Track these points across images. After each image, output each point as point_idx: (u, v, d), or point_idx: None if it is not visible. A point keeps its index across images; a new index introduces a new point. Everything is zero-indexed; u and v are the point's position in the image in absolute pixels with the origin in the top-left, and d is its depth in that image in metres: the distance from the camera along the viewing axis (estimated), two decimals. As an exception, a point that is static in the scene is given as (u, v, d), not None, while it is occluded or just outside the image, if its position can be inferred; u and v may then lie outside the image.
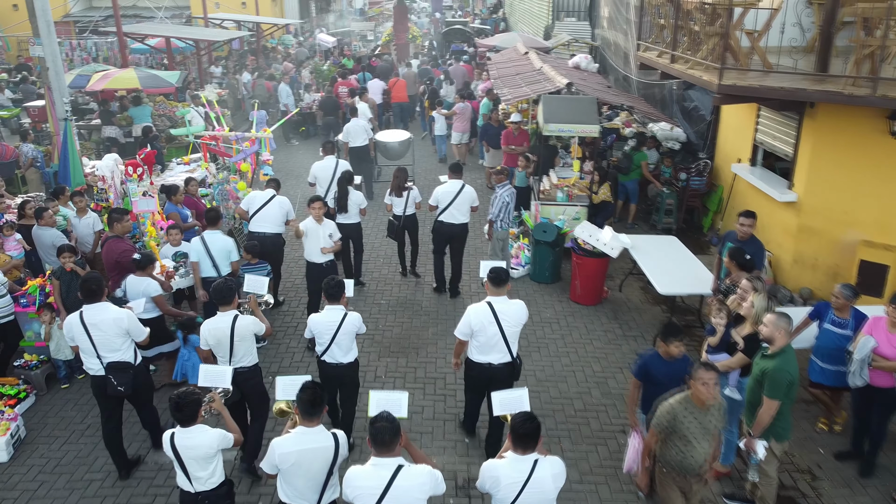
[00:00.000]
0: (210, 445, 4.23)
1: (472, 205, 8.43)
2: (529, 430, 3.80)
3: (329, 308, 5.53)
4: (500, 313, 5.33)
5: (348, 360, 5.59)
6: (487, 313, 5.32)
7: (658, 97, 13.79)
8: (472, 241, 10.48)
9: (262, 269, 7.42)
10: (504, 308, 5.37)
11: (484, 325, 5.32)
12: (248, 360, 5.38)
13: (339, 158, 9.35)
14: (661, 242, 8.72)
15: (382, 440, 3.72)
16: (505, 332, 5.33)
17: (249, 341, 5.36)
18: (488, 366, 5.43)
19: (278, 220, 8.01)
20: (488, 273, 5.49)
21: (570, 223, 9.35)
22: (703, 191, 10.89)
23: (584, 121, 9.23)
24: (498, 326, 5.31)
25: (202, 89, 18.21)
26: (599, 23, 19.54)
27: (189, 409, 4.21)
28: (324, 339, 5.48)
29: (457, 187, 8.31)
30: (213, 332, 5.24)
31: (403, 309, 8.50)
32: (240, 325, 5.26)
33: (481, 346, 5.41)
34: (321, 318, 5.50)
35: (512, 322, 5.37)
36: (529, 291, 8.98)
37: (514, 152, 11.41)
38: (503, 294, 5.43)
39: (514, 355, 5.48)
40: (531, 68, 13.23)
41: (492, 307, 5.33)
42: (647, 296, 8.84)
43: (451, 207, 8.29)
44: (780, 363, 4.61)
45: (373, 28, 31.30)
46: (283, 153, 16.02)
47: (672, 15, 9.24)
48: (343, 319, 5.45)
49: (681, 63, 8.75)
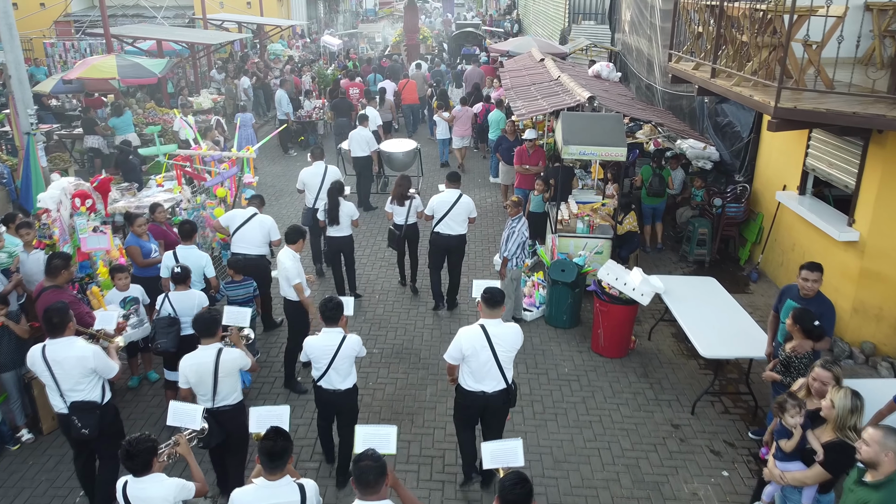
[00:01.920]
0: (165, 498, 3.81)
1: (470, 215, 8.04)
2: (520, 497, 3.28)
3: (326, 331, 5.16)
4: (493, 337, 4.94)
5: (346, 386, 5.26)
6: (480, 337, 4.93)
7: (686, 110, 12.59)
8: (475, 253, 9.48)
9: (247, 287, 6.90)
10: (498, 331, 4.98)
11: (476, 350, 4.93)
12: (232, 398, 4.96)
13: (329, 165, 8.89)
14: (697, 285, 7.54)
15: (367, 481, 3.44)
16: (499, 358, 4.96)
17: (234, 377, 4.94)
18: (482, 394, 5.05)
19: (259, 241, 7.38)
20: (482, 293, 5.08)
21: (592, 259, 8.19)
22: (740, 219, 9.68)
23: (610, 142, 8.07)
24: (491, 351, 4.92)
25: (196, 95, 17.20)
26: (620, 27, 18.33)
27: (141, 457, 3.78)
28: (320, 363, 5.14)
29: (453, 197, 7.89)
30: (195, 367, 4.77)
31: (399, 360, 7.37)
32: (225, 359, 4.81)
33: (473, 371, 5.02)
34: (317, 342, 5.15)
35: (506, 347, 4.99)
36: (544, 338, 7.83)
37: (529, 172, 10.27)
38: (497, 316, 5.04)
39: (508, 381, 5.07)
40: (548, 77, 12.08)
41: (485, 330, 4.95)
42: (680, 346, 7.67)
43: (447, 218, 7.90)
44: (888, 498, 3.44)
45: (381, 30, 30.18)
46: (279, 165, 14.98)
47: (712, 22, 8.06)
48: (342, 343, 5.11)
49: (723, 78, 7.56)
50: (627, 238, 8.85)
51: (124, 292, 6.52)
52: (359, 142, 11.55)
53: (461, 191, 8.04)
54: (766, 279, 9.26)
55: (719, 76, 7.66)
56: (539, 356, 7.44)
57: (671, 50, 9.27)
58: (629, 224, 8.83)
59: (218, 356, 4.80)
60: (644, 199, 10.03)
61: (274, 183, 13.71)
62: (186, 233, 6.86)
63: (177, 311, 6.10)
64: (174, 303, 6.10)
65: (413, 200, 8.37)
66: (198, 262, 6.71)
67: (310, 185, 8.83)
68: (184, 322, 6.04)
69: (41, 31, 24.88)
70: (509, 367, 5.06)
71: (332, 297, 5.23)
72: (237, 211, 7.62)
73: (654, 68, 14.33)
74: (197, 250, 6.87)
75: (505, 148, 11.65)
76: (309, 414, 6.37)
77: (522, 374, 7.08)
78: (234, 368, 4.91)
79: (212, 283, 6.85)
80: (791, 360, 5.32)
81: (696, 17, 8.54)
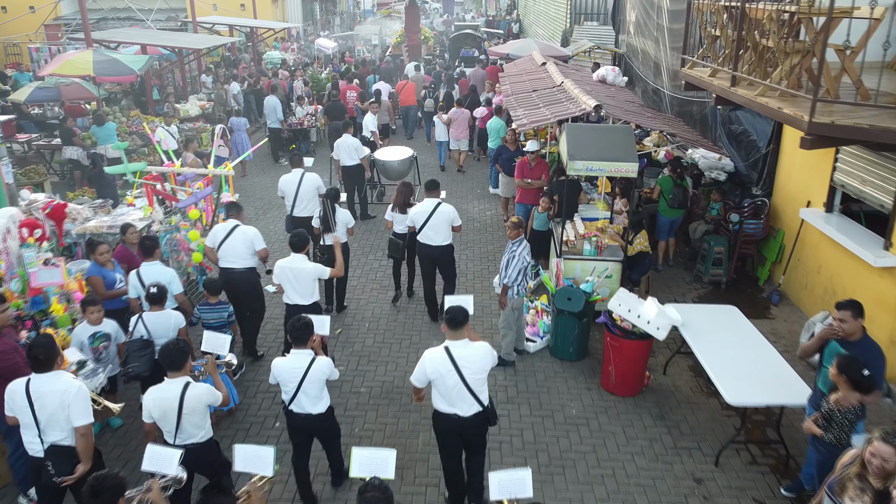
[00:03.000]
0: None
1: (453, 224, 7.69)
2: None
3: (295, 352, 4.92)
4: (459, 360, 4.68)
5: (318, 410, 4.99)
6: (444, 360, 4.68)
7: (697, 117, 11.87)
8: (473, 273, 8.75)
9: (221, 311, 6.59)
10: (464, 353, 4.71)
11: (441, 374, 4.68)
12: (200, 436, 4.63)
13: (308, 172, 8.72)
14: (717, 316, 6.83)
15: None
16: (467, 381, 4.68)
17: (201, 414, 4.60)
18: (456, 417, 4.78)
19: (245, 253, 7.05)
20: (444, 313, 4.86)
21: (601, 284, 7.50)
22: (759, 237, 8.98)
23: (620, 157, 7.37)
24: (458, 375, 4.66)
25: (184, 101, 16.52)
26: (625, 28, 17.63)
27: (106, 496, 3.51)
28: (288, 387, 4.90)
29: (430, 206, 7.60)
30: (158, 402, 4.49)
31: (388, 402, 6.67)
32: (190, 395, 4.50)
33: (443, 395, 4.77)
34: (285, 364, 4.91)
35: (474, 369, 4.71)
36: (549, 373, 7.14)
37: (531, 187, 9.56)
38: (462, 337, 4.77)
39: (484, 403, 4.79)
40: (550, 83, 11.38)
41: (449, 353, 4.70)
42: (699, 381, 6.97)
43: (425, 228, 7.65)
44: None
45: (378, 32, 29.48)
46: (269, 175, 14.29)
47: (730, 24, 7.36)
48: (310, 366, 4.85)
49: (745, 87, 6.86)
50: (639, 259, 8.15)
51: (95, 327, 5.88)
52: (346, 150, 10.91)
53: (441, 199, 7.73)
54: (787, 302, 8.56)
55: (740, 84, 6.96)
56: (544, 395, 6.75)
57: (684, 55, 8.56)
58: (640, 244, 8.13)
59: (184, 391, 4.50)
60: (663, 212, 9.29)
61: (262, 195, 13.02)
62: (148, 249, 6.42)
63: (151, 332, 5.74)
64: (148, 324, 5.74)
65: None
66: (162, 280, 6.21)
67: (286, 192, 8.72)
68: (159, 344, 5.56)
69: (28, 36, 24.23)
70: (482, 389, 4.79)
71: (301, 317, 5.02)
72: (219, 226, 7.20)
73: (662, 72, 13.63)
74: (161, 266, 6.41)
75: (505, 159, 10.95)
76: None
77: (526, 418, 6.39)
78: (201, 405, 4.57)
79: (178, 300, 6.37)
80: (834, 413, 4.63)
81: (712, 19, 7.83)
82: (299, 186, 8.59)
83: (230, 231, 7.01)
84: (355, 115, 15.94)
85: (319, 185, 8.72)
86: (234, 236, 6.99)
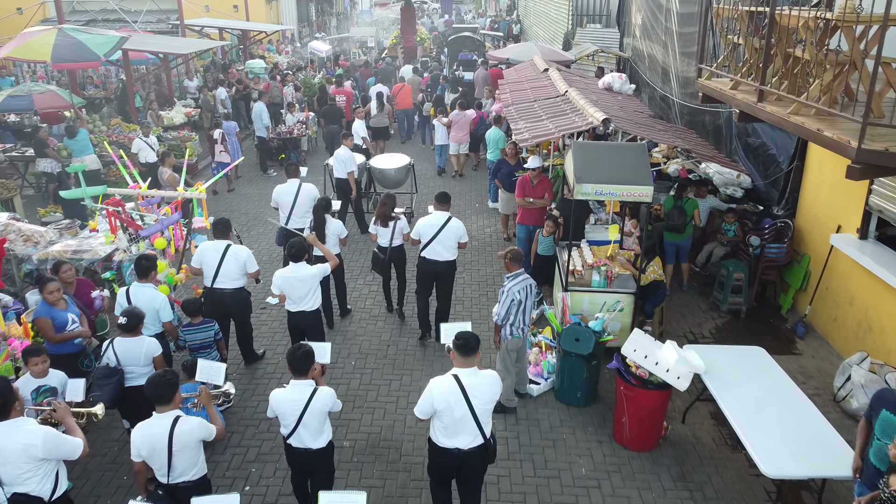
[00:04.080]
0: None
1: (460, 240, 7.44)
2: None
3: (294, 383, 4.60)
4: (469, 388, 4.44)
5: (319, 444, 4.70)
6: (454, 390, 4.43)
7: (710, 127, 11.14)
8: (470, 300, 7.99)
9: (206, 330, 6.34)
10: (474, 382, 4.48)
11: (450, 405, 4.43)
12: (192, 473, 4.36)
13: (305, 182, 8.47)
14: (743, 359, 6.10)
15: None
16: (475, 411, 4.46)
17: (194, 450, 4.32)
18: (456, 451, 4.53)
19: (236, 274, 6.81)
20: (454, 339, 4.54)
21: (612, 320, 6.77)
22: (782, 262, 8.24)
23: (633, 179, 6.64)
24: (467, 404, 4.42)
25: (168, 108, 15.77)
26: (630, 31, 16.88)
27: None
28: (288, 420, 4.59)
29: (441, 220, 7.31)
30: (146, 439, 4.22)
31: (375, 458, 5.92)
32: (181, 430, 4.22)
33: (447, 427, 4.51)
34: (284, 396, 4.59)
35: (483, 399, 4.49)
36: (555, 421, 6.39)
37: (533, 206, 8.81)
38: (472, 365, 4.53)
39: (486, 436, 4.57)
40: (553, 92, 10.65)
41: (459, 381, 4.45)
42: (722, 432, 6.24)
43: (433, 242, 7.32)
44: None
45: (374, 34, 28.74)
46: (257, 187, 13.55)
47: (754, 31, 6.62)
48: (311, 398, 4.54)
49: (774, 103, 6.12)
50: (652, 289, 7.41)
51: (39, 380, 5.15)
52: (337, 162, 10.45)
53: (450, 213, 7.42)
54: (814, 334, 7.82)
55: (768, 100, 6.21)
56: (549, 449, 6.01)
57: (701, 63, 7.81)
58: (654, 272, 7.39)
59: (173, 427, 4.21)
60: (665, 235, 8.61)
61: (248, 209, 12.27)
62: (143, 270, 6.08)
63: (120, 359, 5.39)
64: (118, 350, 5.38)
65: (398, 221, 7.83)
66: (150, 304, 5.94)
67: (282, 203, 8.41)
68: (130, 373, 5.40)
69: (12, 38, 23.50)
70: (487, 421, 4.56)
71: (301, 345, 4.68)
72: (207, 245, 6.81)
73: (671, 78, 12.89)
74: (152, 290, 6.07)
75: (505, 173, 10.22)
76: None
77: (529, 479, 5.65)
78: (193, 440, 4.29)
79: (166, 328, 6.10)
80: (893, 498, 3.89)
81: (733, 25, 7.09)
82: (297, 197, 8.31)
83: (223, 254, 6.68)
84: (351, 118, 15.39)
85: (316, 195, 8.47)
86: (226, 260, 6.69)
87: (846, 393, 6.42)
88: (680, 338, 7.87)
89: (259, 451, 5.97)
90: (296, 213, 8.38)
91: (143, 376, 5.22)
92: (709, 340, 7.83)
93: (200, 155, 14.96)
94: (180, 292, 7.24)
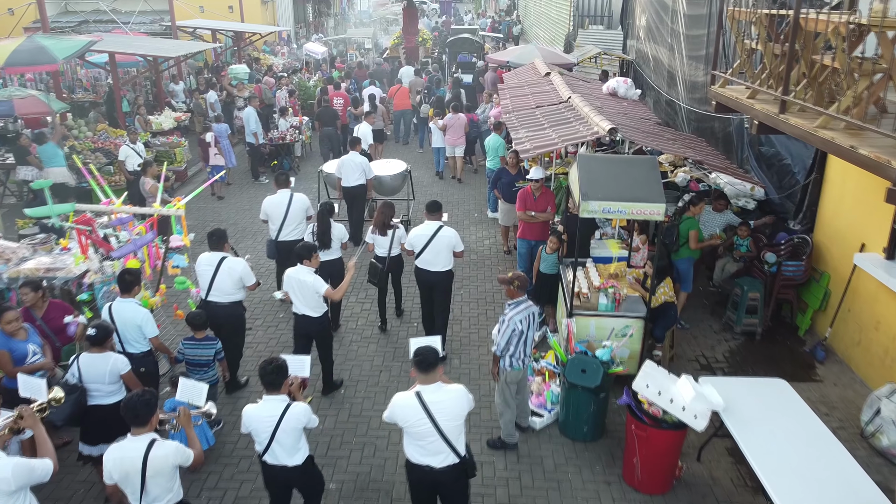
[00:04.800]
0: None
1: (455, 249, 7.19)
2: None
3: (267, 398, 4.44)
4: (431, 405, 4.30)
5: (295, 462, 4.50)
6: (416, 408, 4.31)
7: (719, 134, 10.66)
8: (469, 320, 7.56)
9: (208, 347, 5.98)
10: (437, 398, 4.33)
11: (412, 423, 4.30)
12: (166, 500, 4.11)
13: (296, 192, 8.13)
14: (764, 393, 5.60)
15: None
16: (442, 429, 4.28)
17: (168, 476, 4.09)
18: (429, 469, 4.37)
19: (231, 289, 6.52)
20: (413, 355, 4.42)
21: (621, 347, 6.28)
22: (799, 280, 7.75)
23: (644, 196, 6.14)
24: (431, 422, 4.27)
25: (158, 113, 15.27)
26: (634, 32, 16.40)
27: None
28: (261, 437, 4.44)
29: (431, 230, 7.09)
30: (119, 463, 4.00)
31: (365, 502, 5.43)
32: (155, 455, 4.00)
33: (416, 444, 4.37)
34: (256, 412, 4.42)
35: (449, 416, 4.32)
36: (559, 458, 5.90)
37: (535, 220, 8.32)
38: (434, 381, 4.38)
39: (461, 453, 4.38)
40: (556, 98, 10.18)
41: (421, 399, 4.32)
42: (740, 471, 5.75)
43: (425, 252, 7.14)
44: None
45: (371, 35, 28.24)
46: (247, 195, 13.05)
47: (773, 36, 6.13)
48: (284, 413, 4.35)
49: (797, 114, 5.63)
50: (662, 311, 6.91)
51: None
52: (352, 168, 9.97)
53: (442, 222, 7.23)
54: (835, 358, 7.33)
55: (791, 111, 5.73)
56: (553, 492, 5.51)
57: (714, 70, 7.33)
58: (664, 294, 6.89)
59: (147, 451, 3.98)
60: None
61: (236, 218, 11.77)
62: (127, 284, 5.74)
63: (83, 376, 5.09)
64: (82, 366, 5.09)
65: (397, 230, 7.60)
66: (133, 320, 5.60)
67: (273, 215, 8.05)
68: (94, 391, 5.10)
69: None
70: (459, 438, 4.37)
71: (273, 359, 4.49)
72: (203, 258, 6.55)
73: (678, 82, 12.41)
74: (135, 305, 5.71)
75: (505, 183, 9.72)
76: None
77: (531, 528, 5.16)
78: (168, 466, 4.05)
79: (154, 343, 5.76)
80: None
81: (751, 30, 6.61)
82: (288, 208, 7.97)
83: (217, 266, 6.41)
84: (347, 122, 15.19)
85: (308, 206, 8.19)
86: (220, 273, 6.42)
87: (875, 428, 5.93)
88: (692, 362, 7.40)
89: (237, 496, 5.48)
90: (287, 225, 8.02)
91: (109, 395, 5.13)
92: (722, 366, 7.34)
93: (190, 161, 14.46)
94: (158, 315, 6.73)
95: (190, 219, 11.71)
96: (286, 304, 7.30)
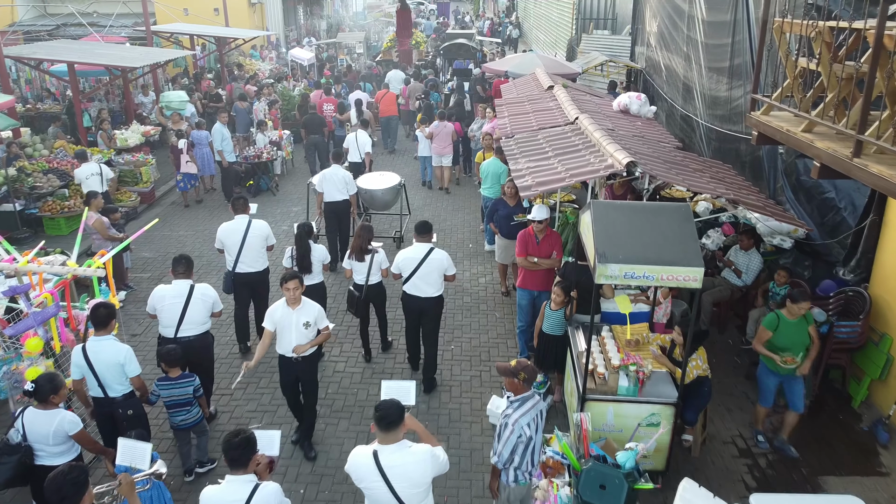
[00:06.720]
0: None
1: (446, 273, 6.71)
2: None
3: (230, 479, 3.74)
4: (388, 469, 3.72)
5: None
6: (370, 469, 3.75)
7: (746, 158, 9.39)
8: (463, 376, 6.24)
9: (185, 385, 5.48)
10: (396, 461, 3.74)
11: (365, 484, 3.80)
12: None
13: (255, 219, 7.36)
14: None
15: None
16: (399, 496, 3.71)
17: None
18: None
19: (202, 319, 6.06)
20: (375, 410, 3.82)
21: (645, 437, 5.01)
22: (854, 343, 6.50)
23: (677, 258, 4.87)
24: (388, 487, 3.70)
25: (124, 127, 14.00)
26: (643, 39, 15.13)
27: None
28: None
29: (421, 253, 6.61)
30: None
31: None
32: None
33: None
34: (216, 496, 3.72)
35: (411, 481, 3.74)
36: None
37: (538, 267, 7.04)
38: (395, 440, 3.79)
39: None
40: (561, 117, 8.92)
41: (377, 460, 3.74)
42: None
43: (414, 277, 6.65)
44: None
45: (362, 39, 26.97)
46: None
47: (838, 58, 4.87)
48: (251, 498, 3.65)
49: (874, 157, 4.37)
50: (694, 389, 5.65)
51: None
52: (335, 183, 9.26)
53: (432, 244, 6.72)
54: (901, 441, 6.08)
55: (866, 152, 4.46)
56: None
57: (754, 94, 6.06)
58: (697, 367, 5.62)
59: None
60: None
61: (203, 250, 10.49)
62: (101, 319, 5.17)
63: (27, 434, 4.63)
64: (26, 423, 4.63)
65: (376, 255, 7.02)
66: (114, 359, 5.09)
67: (228, 244, 7.22)
68: (38, 451, 4.62)
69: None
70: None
71: (239, 431, 3.82)
72: (165, 290, 5.95)
73: (695, 96, 11.17)
74: (113, 342, 5.18)
75: (503, 216, 8.46)
76: None
77: None
78: None
79: (134, 384, 5.21)
80: None
81: (808, 47, 5.34)
82: (245, 237, 7.16)
83: (188, 297, 5.89)
84: (333, 128, 14.37)
85: (269, 234, 7.41)
86: (191, 304, 5.90)
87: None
88: (727, 444, 6.15)
89: None
90: (245, 255, 7.21)
91: (60, 455, 4.65)
92: (764, 450, 6.08)
93: (158, 181, 13.21)
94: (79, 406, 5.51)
95: (150, 250, 10.50)
96: None
